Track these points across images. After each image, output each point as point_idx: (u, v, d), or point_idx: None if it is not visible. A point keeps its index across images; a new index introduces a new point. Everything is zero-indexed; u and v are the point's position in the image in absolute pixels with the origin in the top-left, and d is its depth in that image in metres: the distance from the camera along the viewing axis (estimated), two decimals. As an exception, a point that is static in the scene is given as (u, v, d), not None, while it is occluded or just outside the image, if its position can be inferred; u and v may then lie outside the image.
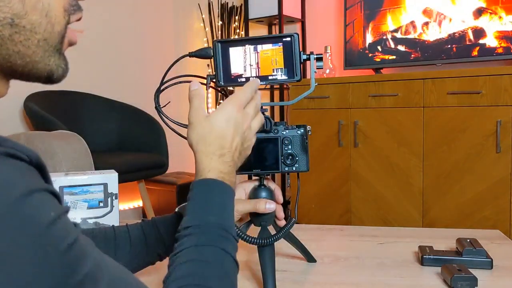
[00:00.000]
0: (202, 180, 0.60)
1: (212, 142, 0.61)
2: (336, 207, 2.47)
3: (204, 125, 0.62)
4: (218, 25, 3.42)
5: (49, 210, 0.35)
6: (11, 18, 0.40)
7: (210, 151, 0.61)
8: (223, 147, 0.61)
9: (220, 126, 0.61)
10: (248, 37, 0.86)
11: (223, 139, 0.61)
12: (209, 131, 0.61)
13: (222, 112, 0.63)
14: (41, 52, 0.44)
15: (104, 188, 1.02)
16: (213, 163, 0.60)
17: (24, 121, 2.55)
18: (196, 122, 0.62)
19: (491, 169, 2.05)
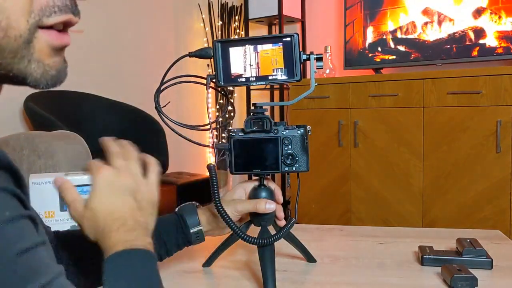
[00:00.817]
0: (109, 257, 0.51)
1: (104, 224, 0.54)
2: (336, 207, 2.47)
3: (89, 216, 0.56)
4: (218, 25, 3.42)
5: (4, 210, 0.33)
6: None
7: (107, 232, 0.53)
8: (116, 220, 0.54)
9: (101, 206, 0.55)
10: (248, 37, 0.86)
11: (111, 213, 0.55)
12: (94, 218, 0.55)
13: (95, 192, 0.57)
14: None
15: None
16: (114, 238, 0.53)
17: (24, 121, 2.55)
18: (80, 218, 0.57)
19: (491, 169, 2.05)
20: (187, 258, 0.92)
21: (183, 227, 0.80)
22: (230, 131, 0.81)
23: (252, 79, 0.78)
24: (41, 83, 0.44)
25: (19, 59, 0.41)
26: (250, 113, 0.81)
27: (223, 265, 0.91)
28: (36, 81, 0.43)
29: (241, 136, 0.80)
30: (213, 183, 0.75)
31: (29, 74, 0.43)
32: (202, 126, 0.86)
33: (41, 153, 1.78)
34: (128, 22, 3.09)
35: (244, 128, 0.79)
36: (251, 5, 2.97)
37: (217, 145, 0.80)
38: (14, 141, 1.87)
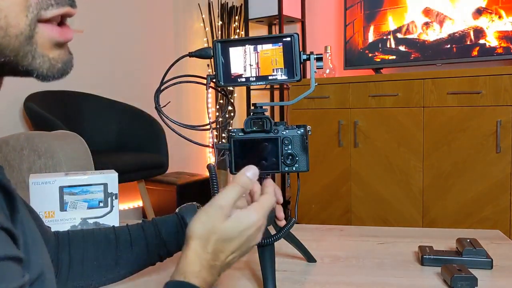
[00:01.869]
0: (182, 283, 0.50)
1: (211, 249, 0.53)
2: (336, 207, 2.47)
3: (217, 228, 0.53)
4: (218, 25, 3.42)
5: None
6: None
7: (204, 259, 0.52)
8: (218, 259, 0.53)
9: (229, 235, 0.53)
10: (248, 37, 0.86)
11: (222, 252, 0.53)
12: (216, 236, 0.53)
13: (244, 223, 0.54)
14: (1, 58, 0.40)
15: (104, 188, 1.02)
16: (203, 271, 0.52)
17: (24, 121, 2.55)
18: (213, 217, 0.53)
19: (491, 169, 2.05)
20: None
21: (183, 228, 0.80)
22: (230, 131, 0.81)
23: (252, 79, 0.78)
24: (48, 77, 0.44)
25: (22, 56, 0.41)
26: (250, 113, 0.81)
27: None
28: (43, 75, 0.43)
29: (241, 136, 0.80)
30: (213, 183, 0.75)
31: (35, 69, 0.42)
32: (202, 126, 0.86)
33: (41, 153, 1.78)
34: (128, 22, 3.09)
35: (244, 128, 0.79)
36: (251, 5, 2.97)
37: (217, 145, 0.80)
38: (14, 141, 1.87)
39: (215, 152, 0.81)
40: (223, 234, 0.53)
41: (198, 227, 0.53)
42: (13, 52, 0.40)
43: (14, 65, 0.41)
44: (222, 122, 3.17)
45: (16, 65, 0.41)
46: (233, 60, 0.78)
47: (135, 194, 2.95)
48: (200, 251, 0.52)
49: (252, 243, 0.56)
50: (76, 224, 0.99)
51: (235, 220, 0.54)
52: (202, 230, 0.53)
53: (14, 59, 0.41)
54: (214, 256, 0.53)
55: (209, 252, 0.53)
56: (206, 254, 0.53)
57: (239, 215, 0.54)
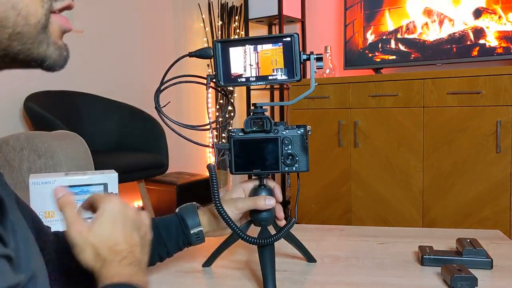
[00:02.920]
0: (108, 285, 0.50)
1: (107, 254, 0.53)
2: (336, 207, 2.47)
3: (94, 242, 0.53)
4: (218, 25, 3.42)
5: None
6: None
7: (108, 262, 0.53)
8: (120, 253, 0.53)
9: (108, 235, 0.54)
10: (248, 37, 0.86)
11: (117, 245, 0.54)
12: (98, 245, 0.53)
13: (102, 219, 0.55)
14: (18, 45, 0.42)
15: (104, 188, 1.02)
16: (113, 269, 0.52)
17: (24, 121, 2.55)
18: (83, 242, 0.53)
19: (491, 169, 2.05)
20: (187, 258, 0.92)
21: (183, 228, 0.80)
22: (230, 131, 0.81)
23: (252, 79, 0.78)
24: (57, 65, 0.46)
25: (38, 44, 0.43)
26: (250, 113, 0.81)
27: (223, 265, 0.91)
28: (54, 62, 0.46)
29: (241, 136, 0.80)
30: (213, 183, 0.75)
31: (48, 57, 0.45)
32: (202, 126, 0.86)
33: (41, 153, 1.79)
34: (128, 22, 3.09)
35: (244, 128, 0.79)
36: (251, 5, 2.97)
37: (217, 145, 0.80)
38: (14, 141, 1.87)
39: (215, 152, 0.81)
40: (102, 237, 0.53)
41: (86, 257, 0.54)
42: (30, 39, 0.42)
43: (29, 53, 0.43)
44: (222, 122, 3.17)
45: (31, 52, 0.43)
46: (233, 60, 0.78)
47: (135, 194, 2.95)
48: (99, 264, 0.53)
49: (130, 217, 0.57)
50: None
51: (96, 222, 0.55)
52: (89, 255, 0.53)
53: (30, 46, 0.43)
54: (113, 255, 0.53)
55: (106, 256, 0.53)
56: (106, 260, 0.53)
57: (96, 217, 0.55)
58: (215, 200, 0.74)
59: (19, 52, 0.42)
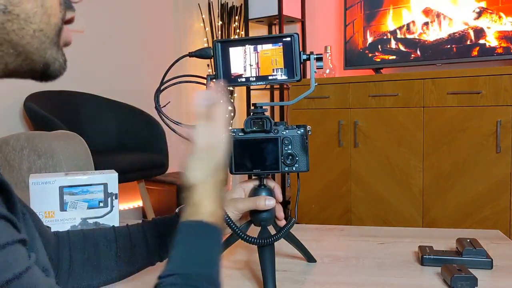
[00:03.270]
0: (201, 224, 0.53)
1: (213, 178, 0.55)
2: (336, 207, 2.46)
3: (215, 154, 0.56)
4: (218, 25, 3.42)
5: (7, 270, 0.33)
6: (4, 5, 0.39)
7: (211, 189, 0.55)
8: (220, 183, 0.56)
9: (222, 157, 0.56)
10: (248, 37, 0.86)
11: (222, 172, 0.56)
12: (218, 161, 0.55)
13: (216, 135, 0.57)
14: (37, 44, 0.42)
15: (104, 188, 1.02)
16: (212, 205, 0.55)
17: (24, 121, 2.55)
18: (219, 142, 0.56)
19: (491, 169, 2.05)
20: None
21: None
22: (230, 131, 0.81)
23: (252, 79, 0.78)
24: (60, 71, 0.47)
25: (52, 45, 0.44)
26: (250, 113, 0.81)
27: (223, 265, 0.91)
28: (59, 67, 0.46)
29: (241, 136, 0.80)
30: (213, 183, 0.75)
31: (57, 60, 0.46)
32: (202, 126, 0.86)
33: (41, 153, 1.78)
34: (128, 22, 3.09)
35: (244, 128, 0.79)
36: (251, 5, 2.97)
37: (217, 145, 0.80)
38: (14, 141, 1.87)
39: (215, 152, 0.81)
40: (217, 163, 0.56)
41: (195, 174, 0.56)
42: (48, 39, 0.43)
43: (43, 53, 0.44)
44: (222, 122, 3.16)
45: (45, 53, 0.44)
46: (233, 60, 0.78)
47: (135, 194, 2.95)
48: (207, 189, 0.55)
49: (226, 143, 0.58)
50: (76, 224, 0.99)
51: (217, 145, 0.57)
52: (198, 173, 0.56)
53: (47, 46, 0.44)
54: (217, 186, 0.56)
55: (212, 186, 0.55)
56: (211, 189, 0.55)
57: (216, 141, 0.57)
58: (215, 200, 0.74)
59: (35, 52, 0.43)
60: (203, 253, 0.51)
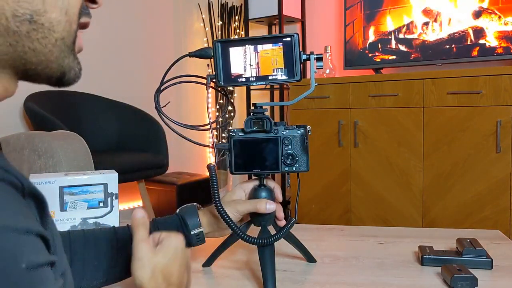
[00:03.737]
0: None
1: (161, 279, 0.56)
2: (336, 207, 2.47)
3: (159, 267, 0.56)
4: (218, 25, 3.42)
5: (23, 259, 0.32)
6: (30, 14, 0.39)
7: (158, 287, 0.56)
8: (171, 285, 0.57)
9: (169, 262, 0.57)
10: (248, 37, 0.86)
11: (172, 277, 0.57)
12: (159, 268, 0.56)
13: (170, 249, 0.58)
14: (57, 52, 0.43)
15: (104, 188, 1.02)
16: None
17: (24, 121, 2.55)
18: (146, 258, 0.56)
19: (491, 169, 2.05)
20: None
21: (184, 229, 0.80)
22: (230, 131, 0.81)
23: (252, 79, 0.78)
24: (75, 80, 0.47)
25: (70, 53, 0.44)
26: (250, 113, 0.81)
27: (223, 265, 0.91)
28: (75, 75, 0.47)
29: (241, 136, 0.80)
30: (213, 183, 0.75)
31: (72, 70, 0.46)
32: (202, 126, 0.86)
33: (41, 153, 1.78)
34: (128, 22, 3.09)
35: (244, 128, 0.79)
36: (251, 5, 2.97)
37: (217, 145, 0.80)
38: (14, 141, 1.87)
39: (215, 152, 0.81)
40: (164, 266, 0.57)
41: (142, 273, 0.56)
42: (68, 47, 0.44)
43: (61, 61, 0.44)
44: (222, 122, 3.17)
45: (63, 61, 0.44)
46: (233, 60, 0.78)
47: (135, 194, 2.95)
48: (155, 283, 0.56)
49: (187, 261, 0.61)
50: (76, 224, 0.99)
51: (165, 248, 0.58)
52: (147, 273, 0.56)
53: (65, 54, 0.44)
54: (165, 285, 0.57)
55: (162, 285, 0.56)
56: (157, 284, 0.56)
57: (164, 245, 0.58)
58: (215, 200, 0.74)
59: (55, 60, 0.43)
60: None
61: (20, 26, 0.39)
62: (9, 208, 0.33)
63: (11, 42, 0.39)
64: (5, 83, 0.42)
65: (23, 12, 0.39)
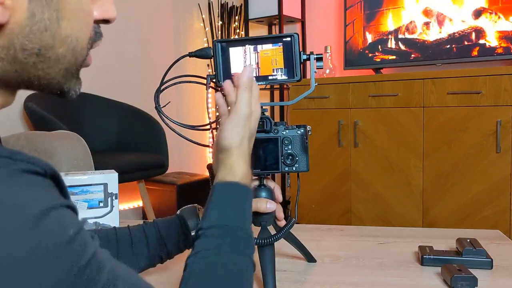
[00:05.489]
0: (235, 184, 0.62)
1: (248, 144, 0.65)
2: (336, 207, 2.47)
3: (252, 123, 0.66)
4: (218, 25, 3.42)
5: (68, 228, 0.36)
6: (39, 49, 0.41)
7: (245, 154, 0.64)
8: (249, 148, 0.65)
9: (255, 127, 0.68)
10: (248, 37, 0.86)
11: (252, 140, 0.67)
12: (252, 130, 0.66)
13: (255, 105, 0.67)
14: (60, 78, 0.45)
15: (104, 188, 1.02)
16: (245, 167, 0.63)
17: (24, 121, 2.55)
18: (257, 112, 0.67)
19: (491, 169, 2.05)
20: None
21: (184, 230, 0.80)
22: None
23: (252, 79, 0.78)
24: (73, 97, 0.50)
25: (71, 78, 0.47)
26: (250, 113, 0.80)
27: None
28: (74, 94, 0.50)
29: (241, 136, 0.79)
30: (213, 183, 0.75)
31: (72, 90, 0.49)
32: (202, 126, 0.86)
33: (41, 153, 1.78)
34: (128, 22, 3.09)
35: (244, 128, 0.79)
36: (251, 5, 2.97)
37: (217, 145, 0.80)
38: (14, 141, 1.87)
39: (215, 152, 0.81)
40: (251, 132, 0.67)
41: (232, 138, 0.64)
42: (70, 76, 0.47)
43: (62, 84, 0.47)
44: (222, 122, 3.16)
45: (64, 84, 0.47)
46: (233, 60, 0.78)
47: (135, 194, 2.95)
48: (241, 154, 0.64)
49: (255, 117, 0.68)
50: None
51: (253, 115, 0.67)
52: (237, 139, 0.64)
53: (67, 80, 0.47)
54: (249, 152, 0.66)
55: (246, 152, 0.65)
56: (245, 155, 0.64)
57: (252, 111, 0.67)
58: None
59: (56, 84, 0.46)
60: (238, 210, 0.60)
61: (28, 58, 0.41)
62: (41, 194, 0.36)
63: (17, 69, 0.42)
64: (7, 97, 0.45)
65: (32, 47, 0.41)
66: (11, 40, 0.40)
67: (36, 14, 0.40)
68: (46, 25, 0.41)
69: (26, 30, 0.40)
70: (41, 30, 0.40)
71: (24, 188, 0.35)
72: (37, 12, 0.40)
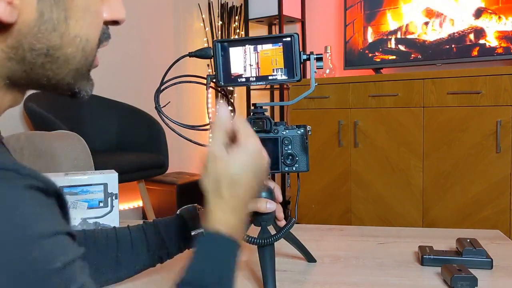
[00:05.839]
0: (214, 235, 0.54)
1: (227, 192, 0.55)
2: (336, 207, 2.46)
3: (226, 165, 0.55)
4: (218, 25, 3.42)
5: (56, 259, 0.35)
6: (47, 49, 0.41)
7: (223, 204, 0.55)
8: (237, 199, 0.55)
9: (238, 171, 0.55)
10: (248, 37, 0.86)
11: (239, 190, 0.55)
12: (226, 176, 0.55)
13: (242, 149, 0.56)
14: (69, 79, 0.45)
15: (104, 188, 1.02)
16: (226, 216, 0.55)
17: (24, 121, 2.55)
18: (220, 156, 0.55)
19: (491, 169, 2.05)
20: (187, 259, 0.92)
21: (184, 230, 0.80)
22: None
23: (252, 79, 0.78)
24: (85, 97, 0.49)
25: (82, 79, 0.47)
26: (250, 113, 0.81)
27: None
28: (86, 95, 0.48)
29: (241, 136, 0.79)
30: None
31: (83, 90, 0.48)
32: (202, 126, 0.86)
33: (41, 153, 1.78)
34: (128, 22, 3.08)
35: (244, 128, 0.79)
36: (251, 5, 2.97)
37: (217, 145, 0.80)
38: (14, 141, 1.87)
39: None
40: (229, 176, 0.55)
41: (206, 182, 0.56)
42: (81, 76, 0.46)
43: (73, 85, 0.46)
44: (222, 122, 3.16)
45: (75, 84, 0.46)
46: (233, 60, 0.78)
47: (135, 194, 2.95)
48: (217, 201, 0.55)
49: (262, 165, 0.59)
50: (76, 224, 0.99)
51: (233, 158, 0.56)
52: (210, 183, 0.55)
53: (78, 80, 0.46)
54: (232, 199, 0.55)
55: (225, 197, 0.55)
56: (223, 201, 0.55)
57: (235, 152, 0.56)
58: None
59: (66, 85, 0.46)
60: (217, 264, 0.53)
61: (37, 58, 0.41)
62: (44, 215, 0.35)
63: (26, 69, 0.42)
64: (16, 96, 0.46)
65: (40, 47, 0.41)
66: (20, 40, 0.39)
67: (45, 13, 0.39)
68: (54, 25, 0.40)
69: (35, 30, 0.40)
70: (49, 30, 0.40)
71: (28, 206, 0.34)
72: (46, 11, 0.39)
